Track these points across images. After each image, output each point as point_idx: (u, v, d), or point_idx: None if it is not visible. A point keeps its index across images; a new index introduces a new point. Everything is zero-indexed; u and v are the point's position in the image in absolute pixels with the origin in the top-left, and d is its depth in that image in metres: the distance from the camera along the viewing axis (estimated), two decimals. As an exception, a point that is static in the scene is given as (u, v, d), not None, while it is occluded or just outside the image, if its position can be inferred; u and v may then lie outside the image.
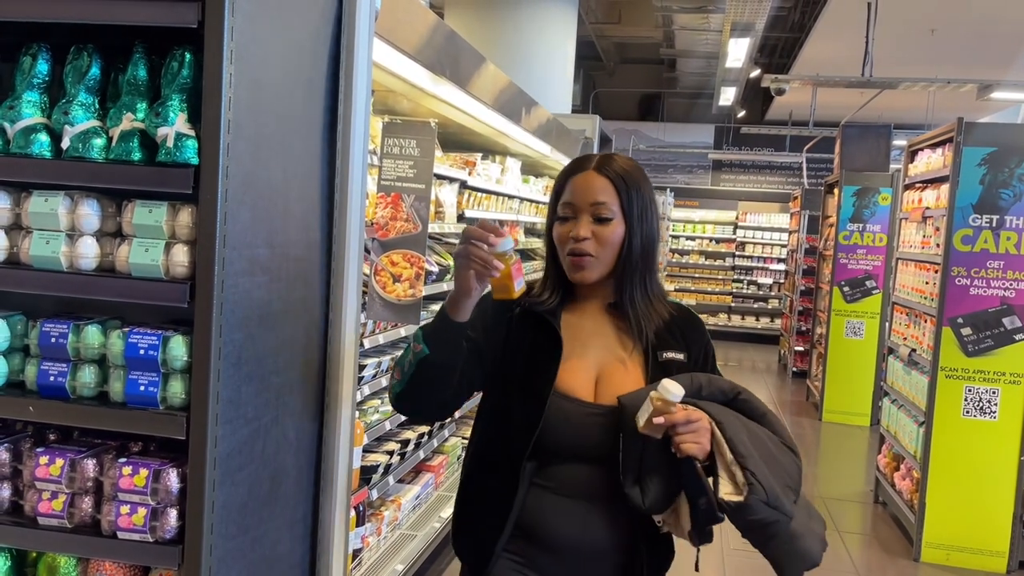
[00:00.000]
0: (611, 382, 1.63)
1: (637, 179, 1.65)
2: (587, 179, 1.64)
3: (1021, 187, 4.40)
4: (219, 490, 1.58)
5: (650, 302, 1.68)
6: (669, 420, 1.48)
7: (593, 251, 1.62)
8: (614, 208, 1.62)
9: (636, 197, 1.64)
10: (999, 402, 4.46)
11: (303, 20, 1.79)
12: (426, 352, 1.54)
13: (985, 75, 8.70)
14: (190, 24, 1.51)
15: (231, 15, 1.49)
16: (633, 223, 1.63)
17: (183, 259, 1.56)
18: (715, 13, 9.85)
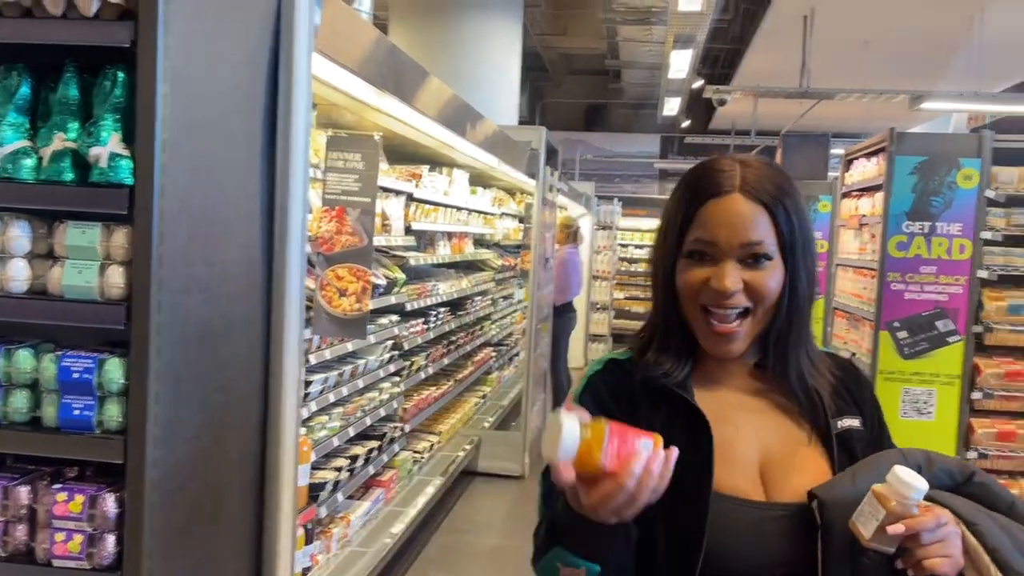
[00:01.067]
0: (783, 471, 1.17)
1: (791, 192, 1.19)
2: (732, 206, 1.16)
3: (951, 195, 4.55)
4: (159, 513, 1.55)
5: (812, 361, 1.24)
6: (913, 527, 1.03)
7: (749, 306, 1.16)
8: (771, 245, 1.15)
9: (797, 221, 1.18)
10: (935, 402, 4.60)
11: (241, 38, 1.78)
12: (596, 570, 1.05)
13: (916, 86, 9.00)
14: (123, 43, 1.49)
15: (165, 34, 1.48)
16: (797, 260, 1.17)
17: (118, 280, 1.53)
18: (658, 25, 10.02)
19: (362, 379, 3.65)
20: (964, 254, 4.53)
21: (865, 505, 1.06)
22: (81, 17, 1.52)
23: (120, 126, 1.53)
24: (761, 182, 1.18)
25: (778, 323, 1.18)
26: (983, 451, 4.51)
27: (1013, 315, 4.48)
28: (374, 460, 3.77)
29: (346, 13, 2.63)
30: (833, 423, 1.21)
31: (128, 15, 1.51)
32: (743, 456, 1.17)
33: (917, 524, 1.03)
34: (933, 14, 7.82)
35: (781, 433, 1.20)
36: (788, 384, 1.21)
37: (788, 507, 1.14)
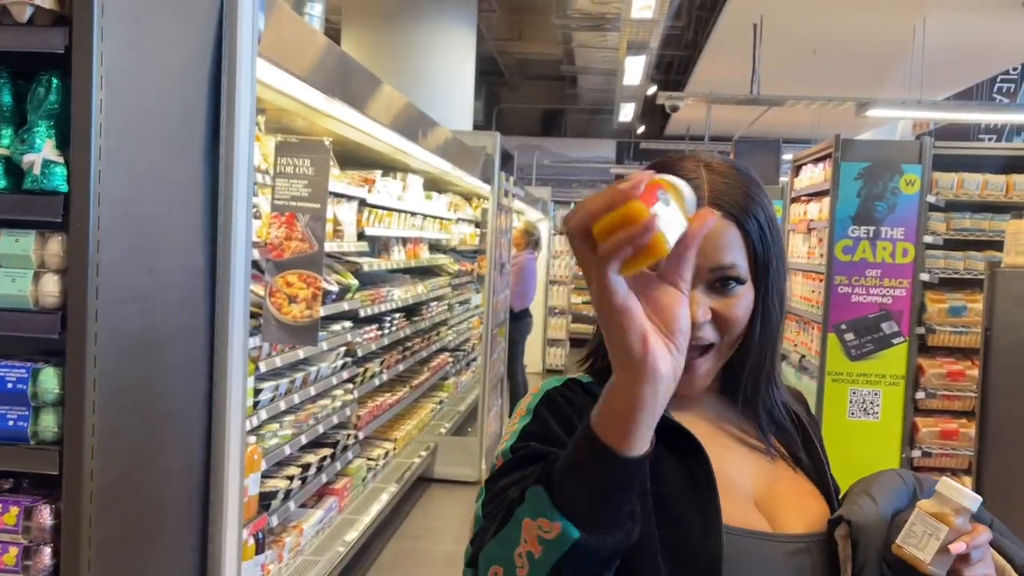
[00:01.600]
0: (776, 501, 1.05)
1: (761, 200, 1.03)
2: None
3: (894, 199, 4.67)
4: (96, 526, 1.53)
5: (780, 391, 1.12)
6: (973, 544, 0.93)
7: (715, 340, 1.00)
8: (743, 268, 1.00)
9: (770, 236, 1.02)
10: (881, 403, 4.71)
11: (181, 44, 1.77)
12: (576, 536, 0.77)
13: (863, 93, 9.21)
14: (57, 49, 1.47)
15: (100, 40, 1.46)
16: (770, 281, 1.02)
17: (53, 289, 1.51)
18: (612, 32, 10.11)
19: (314, 386, 3.62)
20: (907, 257, 4.65)
21: (915, 525, 0.93)
22: (14, 23, 1.49)
23: (54, 133, 1.51)
24: (731, 192, 1.01)
25: (746, 354, 1.04)
26: (927, 449, 4.63)
27: (954, 317, 4.61)
28: (327, 468, 3.74)
29: (292, 19, 2.62)
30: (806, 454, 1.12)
31: (62, 21, 1.49)
32: (738, 485, 1.03)
33: (975, 540, 0.92)
34: (878, 23, 8.02)
35: (760, 462, 1.07)
36: (757, 416, 1.08)
37: (804, 538, 1.01)
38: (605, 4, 9.05)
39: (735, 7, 7.69)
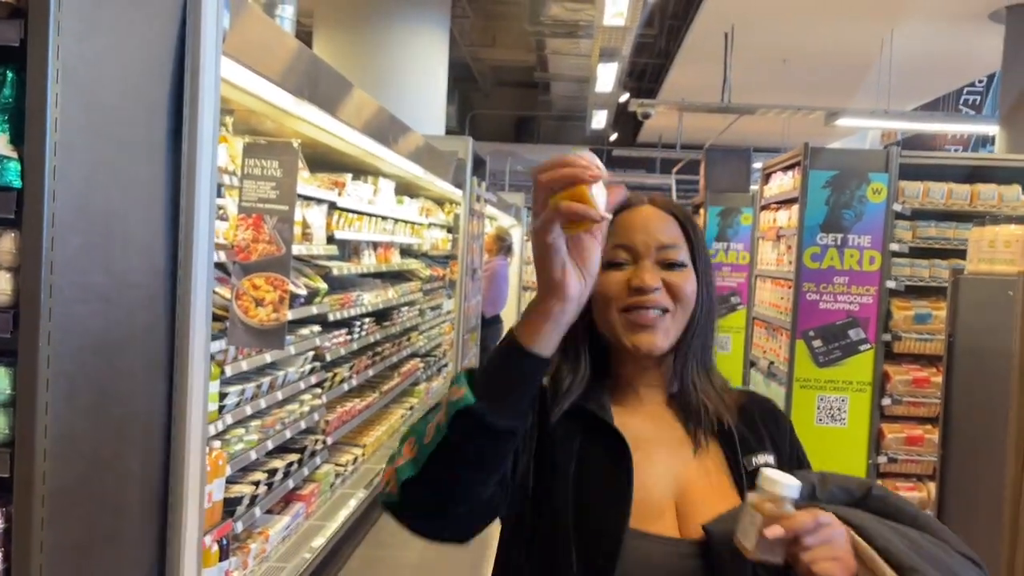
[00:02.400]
0: (697, 506, 1.14)
1: (694, 220, 1.25)
2: (647, 213, 1.21)
3: (861, 208, 4.72)
4: (49, 529, 1.49)
5: (715, 388, 1.23)
6: (791, 528, 0.99)
7: (669, 306, 1.16)
8: (684, 253, 1.19)
9: (702, 245, 1.23)
10: (848, 409, 4.76)
11: (142, 39, 1.74)
12: (471, 401, 0.95)
13: (832, 103, 9.33)
14: (11, 42, 1.44)
15: (57, 33, 1.43)
16: (708, 274, 1.21)
17: (5, 286, 1.47)
18: (585, 39, 10.16)
19: (281, 391, 3.58)
20: (874, 265, 4.70)
21: (744, 517, 1.02)
22: (-32, 14, 1.46)
23: (8, 127, 1.48)
24: (668, 202, 1.25)
25: (692, 335, 1.19)
26: (893, 455, 4.67)
27: (919, 324, 4.67)
28: (294, 474, 3.70)
29: (261, 20, 2.59)
30: (746, 460, 1.19)
31: (18, 13, 1.46)
32: (659, 488, 1.14)
33: (794, 524, 0.98)
34: (847, 34, 8.13)
35: (695, 467, 1.17)
36: (697, 416, 1.19)
37: (699, 543, 1.11)
38: (578, 11, 9.09)
39: (706, 16, 7.76)
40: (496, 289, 7.59)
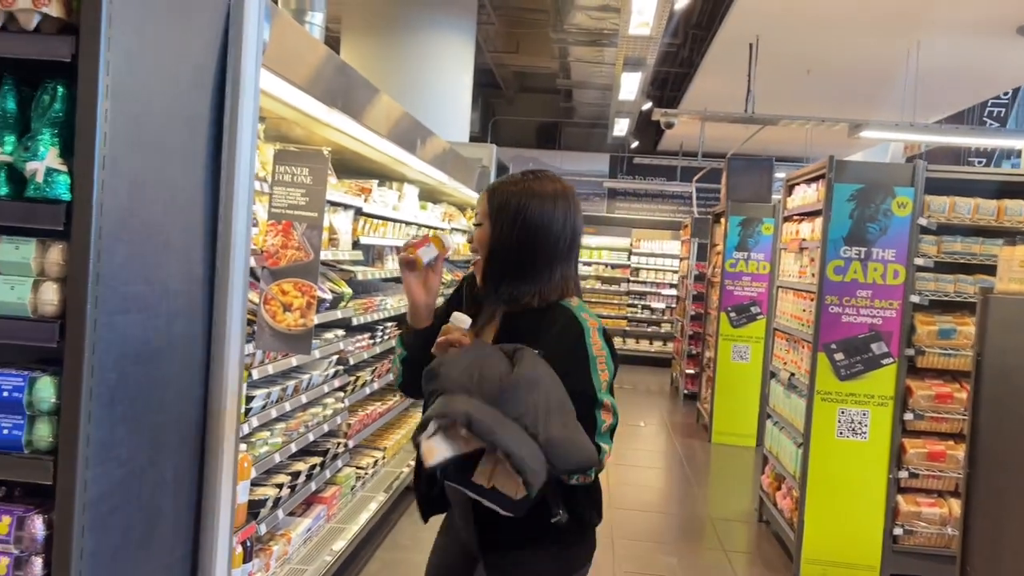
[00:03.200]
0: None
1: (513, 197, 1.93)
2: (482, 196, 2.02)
3: (886, 221, 4.70)
4: (89, 536, 1.52)
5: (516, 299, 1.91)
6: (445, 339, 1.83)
7: (479, 250, 1.97)
8: (484, 215, 1.97)
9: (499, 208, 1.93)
10: (869, 423, 4.73)
11: (187, 53, 1.77)
12: (404, 355, 1.99)
13: (856, 114, 9.28)
14: (63, 58, 1.47)
15: (107, 49, 1.47)
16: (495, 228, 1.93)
17: (52, 297, 1.51)
18: (609, 47, 10.16)
19: (305, 394, 3.61)
20: (898, 279, 4.68)
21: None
22: (21, 30, 1.49)
23: (58, 141, 1.51)
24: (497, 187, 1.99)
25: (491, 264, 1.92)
26: (914, 470, 4.64)
27: (943, 339, 4.63)
28: (316, 476, 3.73)
29: (295, 30, 2.63)
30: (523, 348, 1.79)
31: (69, 29, 1.49)
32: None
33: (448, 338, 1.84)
34: (872, 46, 8.09)
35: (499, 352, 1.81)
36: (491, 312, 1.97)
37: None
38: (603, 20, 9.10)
39: (731, 26, 7.75)
40: None
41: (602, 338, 1.87)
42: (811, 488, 4.77)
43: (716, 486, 6.96)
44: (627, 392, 11.30)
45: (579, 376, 1.78)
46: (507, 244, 1.89)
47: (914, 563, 4.68)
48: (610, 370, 1.85)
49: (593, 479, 1.86)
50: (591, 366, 1.81)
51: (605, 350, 1.86)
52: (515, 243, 1.88)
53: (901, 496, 4.70)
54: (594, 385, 1.80)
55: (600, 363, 1.82)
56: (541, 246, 1.89)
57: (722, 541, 5.41)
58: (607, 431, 1.81)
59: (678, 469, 7.30)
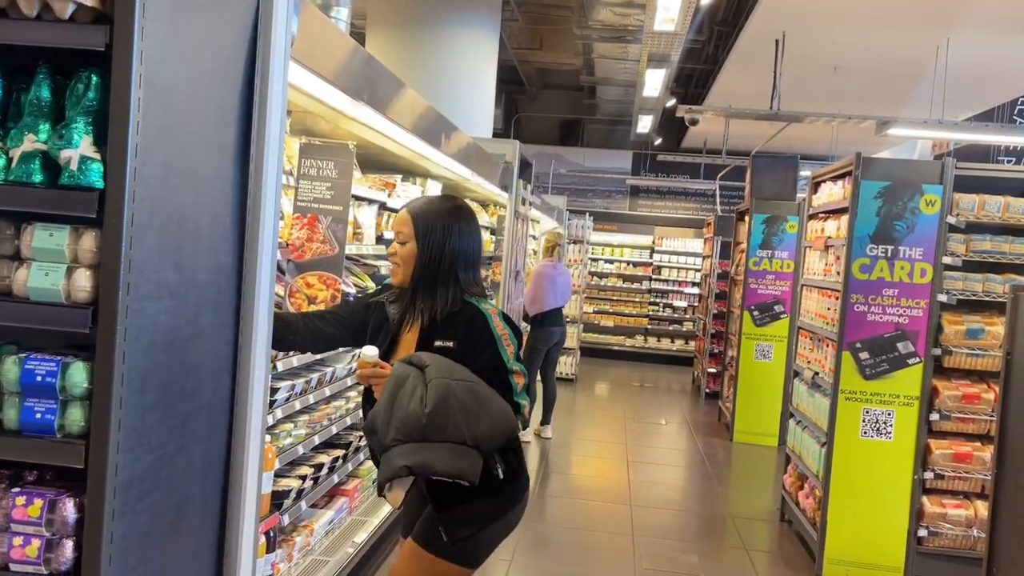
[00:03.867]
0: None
1: (436, 217, 2.40)
2: (400, 217, 2.45)
3: (914, 219, 4.65)
4: (119, 520, 1.54)
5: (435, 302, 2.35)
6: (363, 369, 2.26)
7: (399, 262, 2.42)
8: (409, 235, 2.40)
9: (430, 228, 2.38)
10: (894, 423, 4.69)
11: (217, 45, 1.78)
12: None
13: (883, 111, 9.18)
14: (97, 47, 1.49)
15: (140, 39, 1.48)
16: (425, 245, 2.37)
17: (85, 284, 1.52)
18: (633, 43, 10.13)
19: (329, 387, 3.64)
20: (925, 278, 4.63)
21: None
22: (56, 19, 1.51)
23: (92, 129, 1.53)
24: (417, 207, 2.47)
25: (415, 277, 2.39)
26: (939, 471, 4.59)
27: (971, 339, 4.58)
28: (339, 469, 3.75)
29: (322, 23, 2.64)
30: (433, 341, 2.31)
31: (103, 19, 1.51)
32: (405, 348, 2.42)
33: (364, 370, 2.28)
34: (901, 43, 8.00)
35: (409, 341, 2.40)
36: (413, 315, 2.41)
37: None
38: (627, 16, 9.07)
39: (758, 23, 7.69)
40: (536, 289, 7.55)
41: (503, 320, 2.35)
42: (834, 488, 4.73)
43: (738, 485, 6.92)
44: (648, 391, 11.27)
45: (491, 354, 2.28)
46: (432, 262, 2.35)
47: (939, 565, 4.63)
48: (514, 344, 2.33)
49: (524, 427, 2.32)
50: (498, 344, 2.30)
51: (507, 329, 2.34)
52: (437, 261, 2.35)
53: (926, 497, 4.66)
54: (503, 358, 2.29)
55: (505, 340, 2.31)
56: (458, 262, 2.37)
57: (743, 540, 5.38)
58: (522, 390, 2.29)
59: (699, 468, 7.27)
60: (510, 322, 2.39)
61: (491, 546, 2.39)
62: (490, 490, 2.26)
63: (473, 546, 2.33)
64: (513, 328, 2.37)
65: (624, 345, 14.07)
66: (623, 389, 11.17)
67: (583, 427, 8.62)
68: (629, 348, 14.02)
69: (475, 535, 2.31)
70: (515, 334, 2.36)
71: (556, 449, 7.51)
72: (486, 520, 2.32)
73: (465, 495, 2.25)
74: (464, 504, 2.28)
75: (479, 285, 2.45)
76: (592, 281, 14.26)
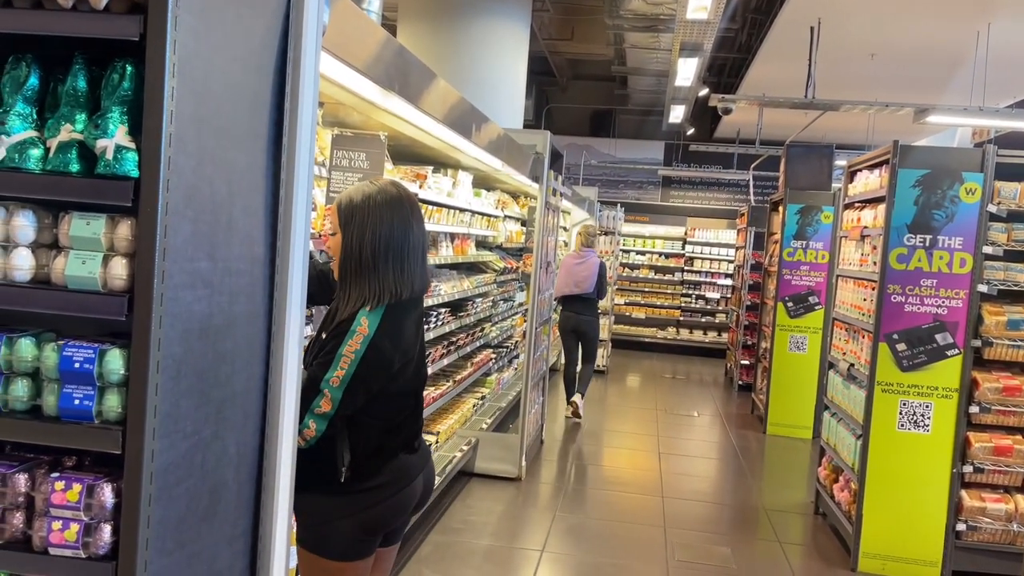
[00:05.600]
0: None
1: (363, 206, 2.31)
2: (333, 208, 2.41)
3: (953, 208, 4.56)
4: (155, 505, 1.56)
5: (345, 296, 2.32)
6: None
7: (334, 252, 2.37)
8: (336, 225, 2.35)
9: (353, 216, 2.31)
10: (932, 416, 4.61)
11: (249, 34, 1.79)
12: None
13: (922, 99, 9.01)
14: (132, 37, 1.50)
15: (174, 29, 1.49)
16: (348, 235, 2.31)
17: (121, 272, 1.54)
18: (665, 33, 10.03)
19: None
20: (965, 268, 4.54)
21: None
22: (91, 10, 1.53)
23: (127, 119, 1.54)
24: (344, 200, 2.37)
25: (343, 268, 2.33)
26: (979, 465, 4.51)
27: (1012, 330, 4.49)
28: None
29: (354, 13, 2.64)
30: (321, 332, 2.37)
31: (138, 9, 1.52)
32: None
33: None
34: (940, 29, 7.84)
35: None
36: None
37: None
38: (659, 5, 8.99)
39: (792, 9, 7.58)
40: (557, 276, 7.74)
41: (365, 344, 2.21)
42: (870, 481, 4.67)
43: (771, 477, 6.86)
44: (680, 382, 11.20)
45: (322, 363, 2.23)
46: (352, 253, 2.30)
47: (978, 559, 4.56)
48: (348, 372, 2.20)
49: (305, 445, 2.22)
50: (334, 359, 2.21)
51: (362, 353, 2.21)
52: (357, 251, 2.29)
53: (965, 491, 4.58)
54: (323, 374, 2.21)
55: (344, 361, 2.20)
56: (379, 254, 2.29)
57: (777, 532, 5.33)
58: (321, 415, 2.21)
59: (732, 460, 7.22)
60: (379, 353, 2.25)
61: (350, 542, 2.33)
62: (331, 487, 2.29)
63: (323, 537, 2.32)
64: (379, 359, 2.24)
65: (656, 337, 13.99)
66: (655, 381, 11.11)
67: (615, 419, 8.59)
68: (661, 340, 13.95)
69: (321, 526, 2.31)
70: (368, 364, 2.22)
71: (587, 440, 7.50)
72: (328, 515, 2.31)
73: (310, 486, 2.26)
74: (308, 494, 2.26)
75: (413, 281, 2.33)
76: (623, 273, 14.19)
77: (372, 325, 2.24)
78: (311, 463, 2.27)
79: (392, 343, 2.29)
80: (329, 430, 2.24)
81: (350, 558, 2.36)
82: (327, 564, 2.34)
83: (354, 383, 2.22)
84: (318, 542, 2.34)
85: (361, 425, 2.32)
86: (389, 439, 2.38)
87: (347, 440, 2.30)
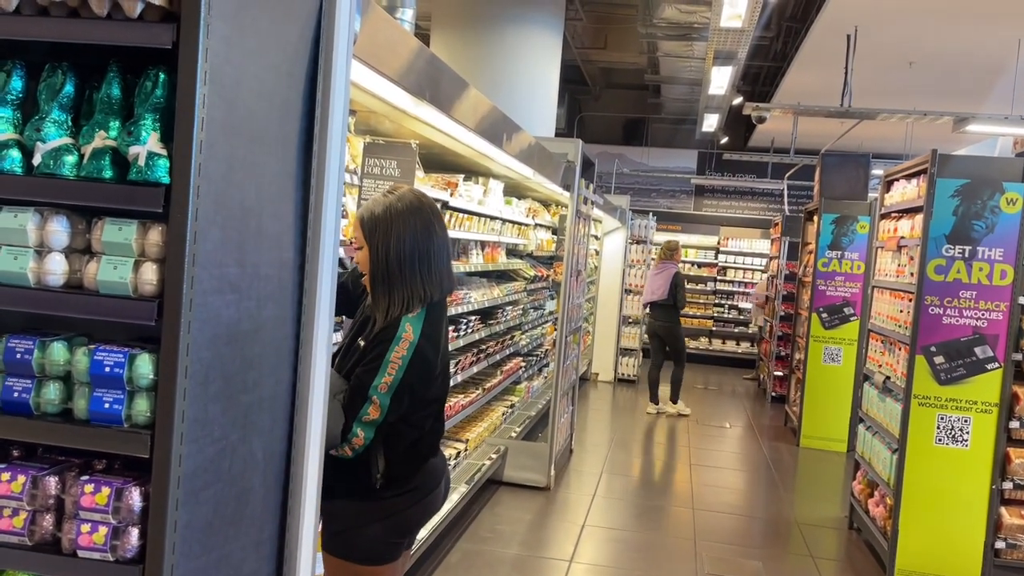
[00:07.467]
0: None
1: (386, 218, 2.30)
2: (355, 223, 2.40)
3: (993, 219, 4.47)
4: (183, 509, 1.57)
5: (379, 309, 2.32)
6: None
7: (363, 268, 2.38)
8: (360, 241, 2.34)
9: (376, 230, 2.31)
10: (971, 431, 4.51)
11: (280, 43, 1.80)
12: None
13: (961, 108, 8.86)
14: (165, 45, 1.52)
15: (206, 37, 1.50)
16: (374, 249, 2.31)
17: (152, 277, 1.56)
18: (699, 41, 9.98)
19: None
20: (1005, 280, 4.44)
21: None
22: (125, 18, 1.55)
23: (159, 126, 1.56)
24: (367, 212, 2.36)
25: (373, 281, 2.33)
26: (1019, 481, 4.41)
27: (1055, 344, 4.37)
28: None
29: (386, 22, 2.66)
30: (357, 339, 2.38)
31: (171, 17, 1.54)
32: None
33: None
34: (980, 37, 7.70)
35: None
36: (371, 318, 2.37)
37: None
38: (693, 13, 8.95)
39: (828, 17, 7.50)
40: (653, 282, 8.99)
41: (411, 350, 2.24)
42: (906, 496, 4.57)
43: (804, 491, 6.75)
44: (712, 393, 11.09)
45: (368, 369, 2.24)
46: (382, 264, 2.31)
47: (1018, 579, 4.44)
48: (403, 375, 2.23)
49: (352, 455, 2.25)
50: (382, 366, 2.23)
51: (410, 359, 2.24)
52: (385, 262, 2.30)
53: (1004, 508, 4.47)
54: (372, 381, 2.21)
55: (392, 367, 2.22)
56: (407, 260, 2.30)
57: (810, 547, 5.24)
58: (369, 423, 2.22)
59: (764, 472, 7.12)
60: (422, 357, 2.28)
61: (381, 546, 2.36)
62: (363, 494, 2.32)
63: (353, 542, 2.34)
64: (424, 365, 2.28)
65: (688, 347, 13.87)
66: (686, 391, 11.00)
67: (645, 429, 8.52)
68: (693, 350, 13.82)
69: (350, 531, 2.33)
70: (415, 371, 2.25)
71: (617, 450, 7.45)
72: (359, 520, 2.34)
73: (340, 493, 2.30)
74: (337, 500, 2.30)
75: (442, 283, 2.36)
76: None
77: (416, 331, 2.28)
78: (342, 470, 2.29)
79: (433, 348, 2.34)
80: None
81: (383, 561, 2.38)
82: (359, 569, 2.35)
83: (400, 389, 2.24)
84: (348, 548, 2.35)
85: (398, 432, 2.33)
86: (421, 444, 2.41)
87: (382, 447, 2.31)
